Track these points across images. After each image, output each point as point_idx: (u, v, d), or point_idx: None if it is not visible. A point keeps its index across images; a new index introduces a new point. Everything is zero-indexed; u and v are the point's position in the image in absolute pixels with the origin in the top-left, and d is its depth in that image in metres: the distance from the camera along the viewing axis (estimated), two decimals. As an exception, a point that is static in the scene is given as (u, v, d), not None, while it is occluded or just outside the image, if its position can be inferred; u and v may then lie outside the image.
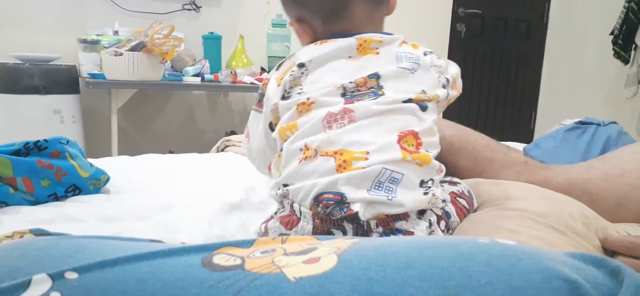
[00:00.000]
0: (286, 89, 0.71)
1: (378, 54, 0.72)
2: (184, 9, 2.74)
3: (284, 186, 0.67)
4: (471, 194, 0.77)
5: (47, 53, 2.28)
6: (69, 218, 0.77)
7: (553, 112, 3.76)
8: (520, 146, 1.26)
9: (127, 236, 0.48)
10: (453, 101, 0.77)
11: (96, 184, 0.91)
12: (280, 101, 0.71)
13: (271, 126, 0.75)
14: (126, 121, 2.74)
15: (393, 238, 0.60)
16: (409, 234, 0.62)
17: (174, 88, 2.52)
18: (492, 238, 0.40)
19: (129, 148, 2.63)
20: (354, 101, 0.67)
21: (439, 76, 0.73)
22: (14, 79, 2.11)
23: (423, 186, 0.64)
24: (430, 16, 3.45)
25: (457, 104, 0.79)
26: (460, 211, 0.71)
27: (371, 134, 0.65)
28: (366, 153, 0.63)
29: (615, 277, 0.36)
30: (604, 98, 3.61)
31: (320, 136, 0.65)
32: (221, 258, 0.38)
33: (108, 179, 0.95)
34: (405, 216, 0.62)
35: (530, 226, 0.66)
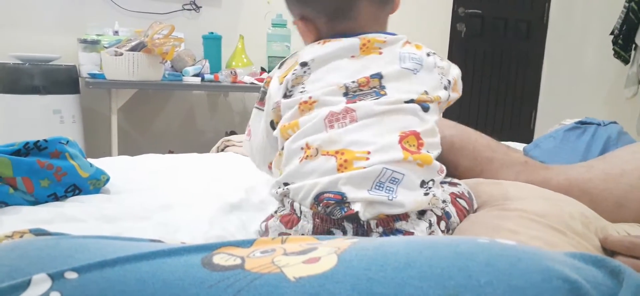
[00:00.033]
0: (288, 88, 0.71)
1: (381, 54, 0.72)
2: (184, 9, 2.74)
3: (284, 185, 0.67)
4: (471, 195, 0.77)
5: (47, 53, 2.28)
6: (68, 218, 0.77)
7: (553, 112, 3.76)
8: (520, 146, 1.26)
9: (127, 236, 0.48)
10: (452, 103, 0.77)
11: (96, 184, 0.91)
12: (282, 100, 0.71)
13: (272, 124, 0.74)
14: (126, 121, 2.74)
15: (393, 238, 0.59)
16: (409, 234, 0.62)
17: (174, 88, 2.52)
18: (492, 238, 0.40)
19: (129, 148, 2.63)
20: (356, 101, 0.67)
21: (441, 78, 0.73)
22: (14, 79, 2.11)
23: (424, 186, 0.64)
24: (430, 16, 3.45)
25: (457, 104, 0.79)
26: (460, 212, 0.71)
27: (372, 134, 0.65)
28: (367, 152, 0.63)
29: (615, 277, 0.36)
30: (604, 98, 3.61)
31: (321, 136, 0.65)
32: (221, 258, 0.38)
33: (108, 179, 0.95)
34: (405, 216, 0.62)
35: (530, 226, 0.66)
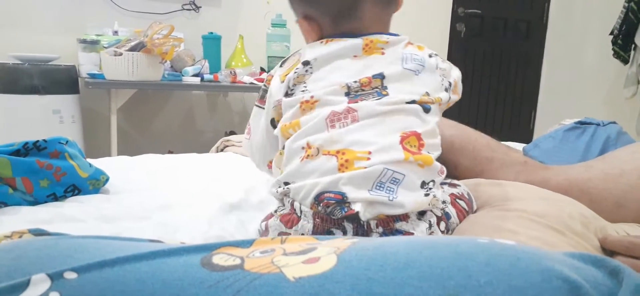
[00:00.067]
0: (290, 86, 0.71)
1: (384, 54, 0.72)
2: (183, 9, 2.74)
3: (284, 184, 0.67)
4: (470, 196, 0.77)
5: (47, 53, 2.28)
6: (68, 218, 0.77)
7: (553, 112, 3.76)
8: (520, 146, 1.26)
9: (127, 236, 0.48)
10: (452, 105, 0.77)
11: (95, 184, 0.91)
12: (284, 98, 0.70)
13: (273, 122, 0.74)
14: (126, 121, 2.74)
15: (393, 238, 0.59)
16: (409, 234, 0.62)
17: (173, 88, 2.51)
18: (492, 238, 0.40)
19: (128, 148, 2.63)
20: (358, 101, 0.67)
21: (443, 79, 0.73)
22: (14, 79, 2.11)
23: (424, 187, 0.64)
24: (430, 16, 3.45)
25: (457, 104, 0.79)
26: (459, 213, 0.71)
27: (374, 134, 0.65)
28: (368, 152, 0.63)
29: (614, 277, 0.36)
30: (603, 98, 3.61)
31: (322, 135, 0.65)
32: (220, 258, 0.38)
33: (107, 180, 0.95)
34: (405, 216, 0.62)
35: (530, 226, 0.66)
